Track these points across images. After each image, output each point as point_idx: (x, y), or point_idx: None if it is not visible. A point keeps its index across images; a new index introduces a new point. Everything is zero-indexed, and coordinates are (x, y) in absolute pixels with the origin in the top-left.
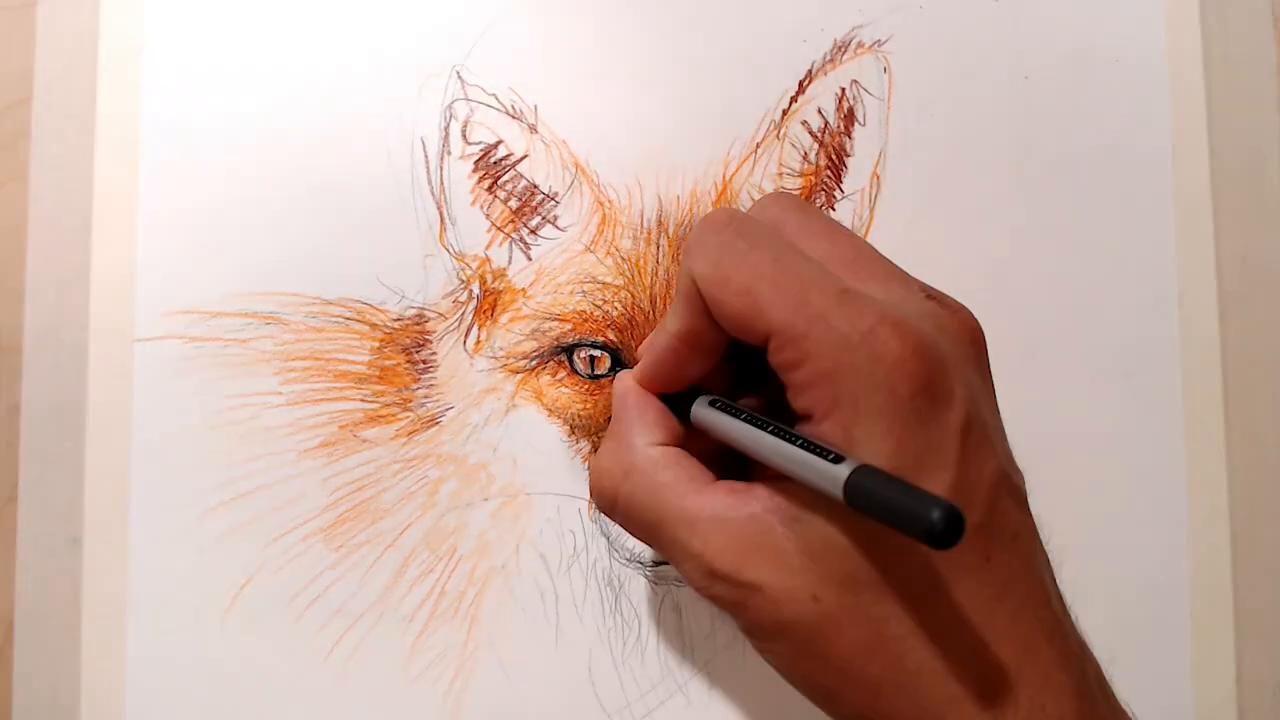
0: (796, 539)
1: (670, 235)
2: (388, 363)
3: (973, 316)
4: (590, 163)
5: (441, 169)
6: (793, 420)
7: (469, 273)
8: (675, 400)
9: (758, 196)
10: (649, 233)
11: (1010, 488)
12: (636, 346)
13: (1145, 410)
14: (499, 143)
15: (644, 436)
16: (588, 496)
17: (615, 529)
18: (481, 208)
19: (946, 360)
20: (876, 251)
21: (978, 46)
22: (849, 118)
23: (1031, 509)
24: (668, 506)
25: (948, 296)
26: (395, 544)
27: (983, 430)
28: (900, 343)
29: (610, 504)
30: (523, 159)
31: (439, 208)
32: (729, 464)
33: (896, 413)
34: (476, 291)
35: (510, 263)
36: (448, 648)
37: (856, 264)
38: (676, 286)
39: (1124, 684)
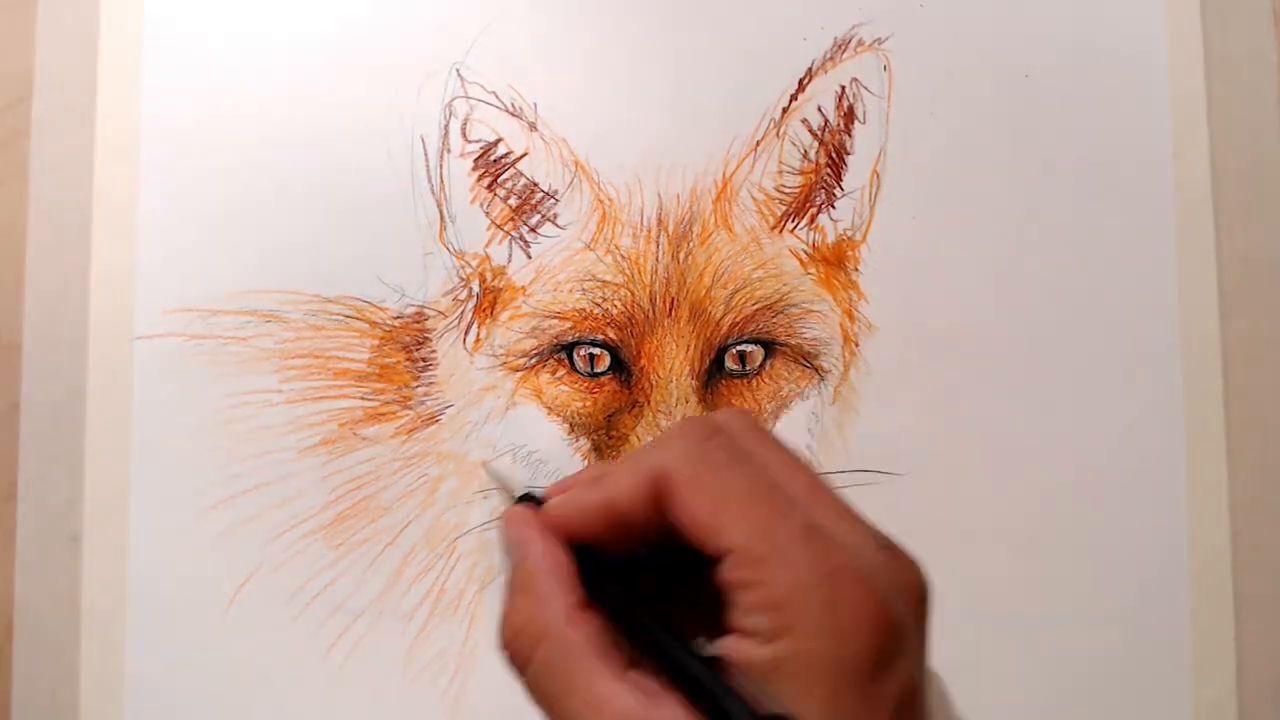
0: None
1: (670, 233)
2: (387, 360)
3: (921, 572)
4: (590, 160)
5: (441, 167)
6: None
7: (469, 271)
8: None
9: (758, 195)
10: (649, 230)
11: None
12: (635, 344)
13: (1145, 410)
14: (499, 140)
15: (559, 599)
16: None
17: None
18: (481, 206)
19: (898, 624)
20: (832, 490)
21: (978, 45)
22: (849, 115)
23: (1031, 510)
24: (577, 686)
25: (898, 548)
26: (395, 542)
27: (916, 700)
28: (860, 597)
29: (523, 666)
30: (522, 157)
31: (439, 206)
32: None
33: (840, 669)
34: (476, 289)
35: (510, 261)
36: (447, 645)
37: (814, 498)
38: (629, 462)
39: (1124, 684)
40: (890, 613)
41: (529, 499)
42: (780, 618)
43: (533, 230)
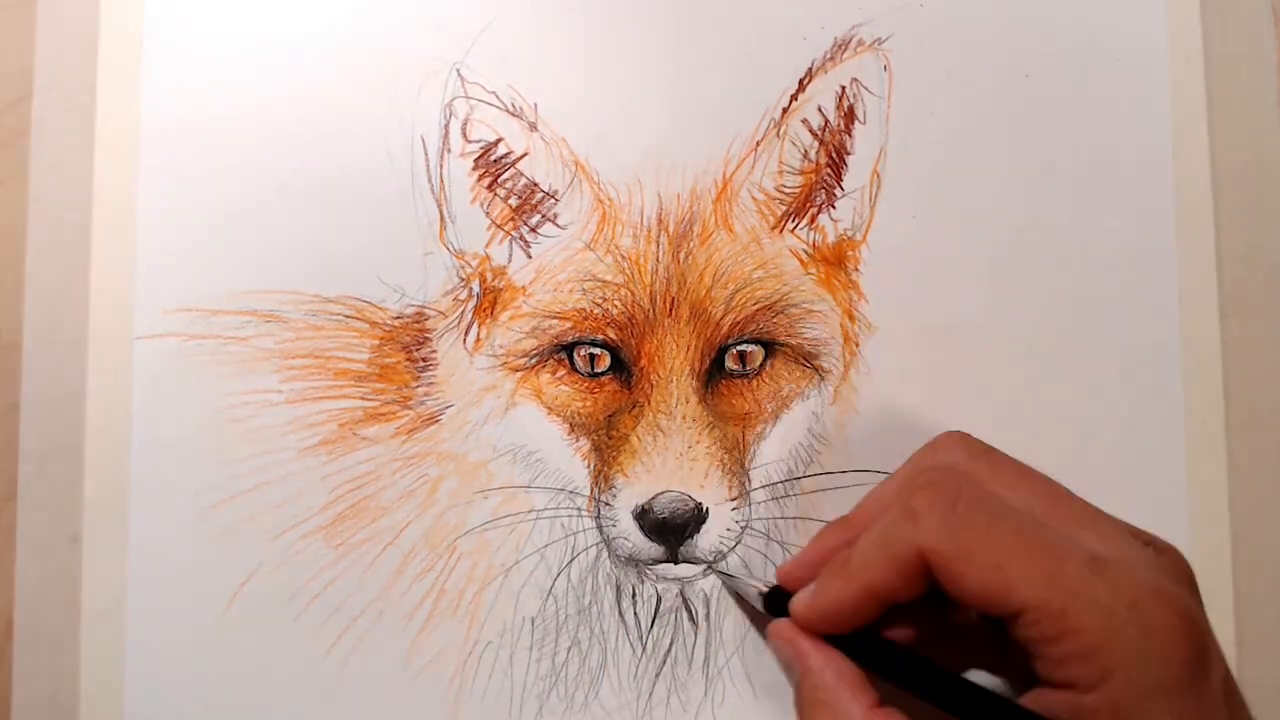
0: None
1: (670, 233)
2: (387, 360)
3: (1183, 557)
4: (590, 160)
5: (441, 167)
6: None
7: (469, 270)
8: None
9: (758, 195)
10: (649, 230)
11: None
12: (636, 345)
13: (1145, 410)
14: (499, 140)
15: (855, 704)
16: (588, 493)
17: (615, 530)
18: (481, 205)
19: (1202, 620)
20: (1069, 493)
21: (978, 45)
22: (849, 115)
23: None
24: None
25: (1158, 540)
26: (395, 542)
27: (1231, 677)
28: (1167, 613)
29: None
30: (523, 157)
31: (439, 205)
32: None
33: (1174, 684)
34: (476, 289)
35: (510, 260)
36: (447, 646)
37: (1060, 509)
38: (876, 539)
39: None
40: (1194, 614)
41: (776, 598)
42: (1099, 661)
43: (533, 230)
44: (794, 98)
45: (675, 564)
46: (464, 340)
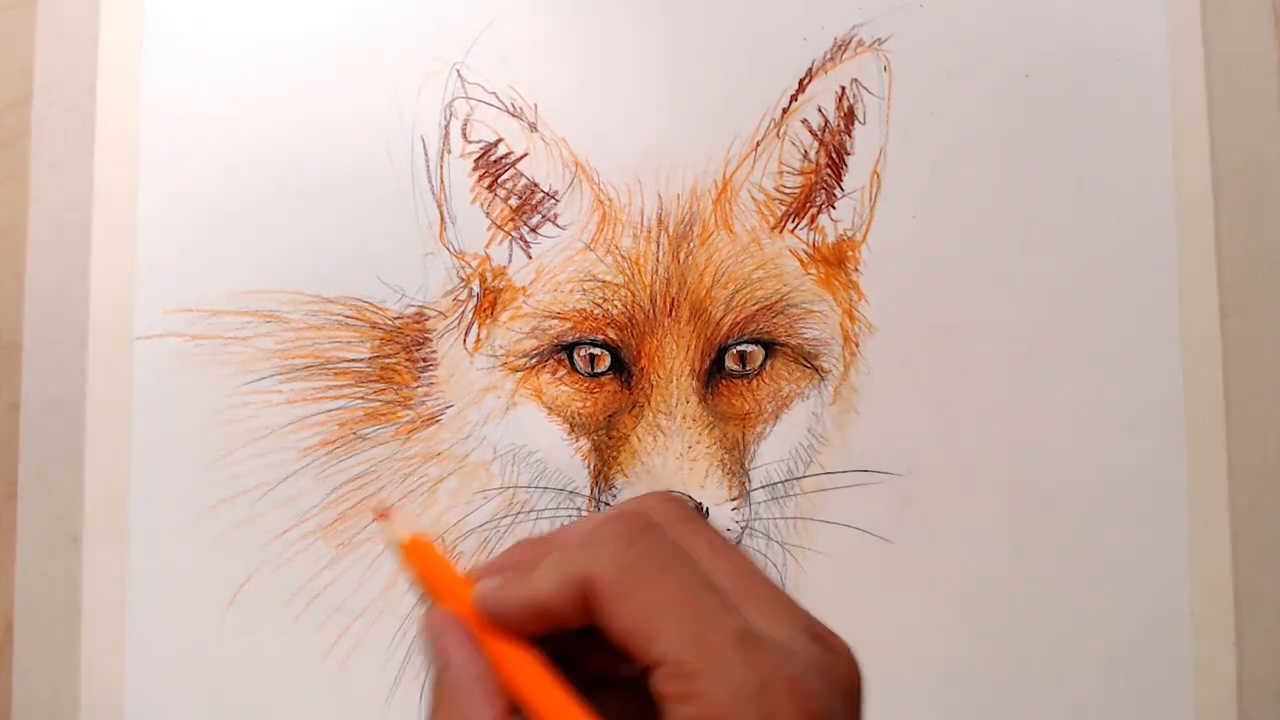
0: None
1: (670, 233)
2: (388, 361)
3: (855, 663)
4: (590, 161)
5: (441, 167)
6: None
7: (469, 271)
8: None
9: (758, 195)
10: (649, 231)
11: None
12: (636, 345)
13: (1145, 410)
14: (499, 141)
15: (481, 711)
16: (588, 493)
17: None
18: (481, 206)
19: None
20: (764, 576)
21: (978, 45)
22: (849, 116)
23: (1031, 510)
24: None
25: (832, 635)
26: None
27: None
28: (794, 708)
29: None
30: (523, 157)
31: (439, 206)
32: None
33: None
34: (476, 290)
35: (510, 261)
36: None
37: (744, 588)
38: (556, 557)
39: (1124, 684)
40: (821, 715)
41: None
42: None
43: (533, 230)
44: (794, 98)
45: None
46: (464, 340)
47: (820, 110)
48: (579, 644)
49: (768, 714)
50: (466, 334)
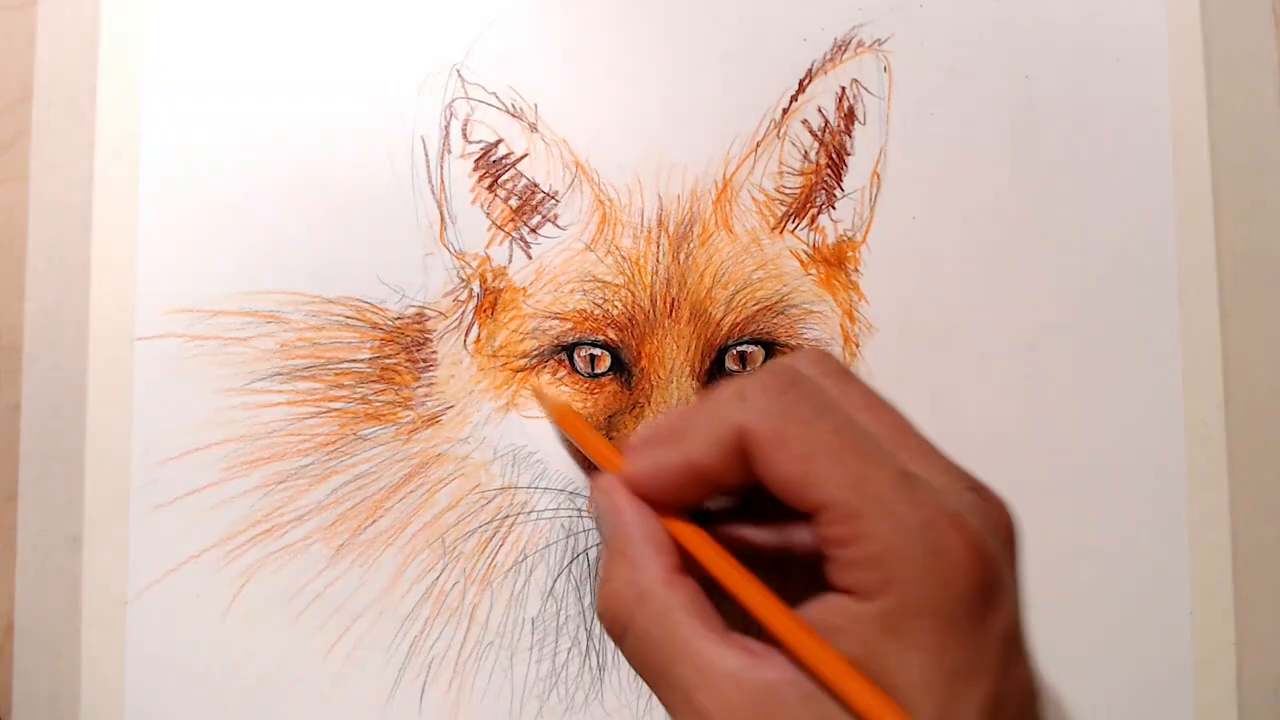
0: (812, 718)
1: (670, 234)
2: (388, 361)
3: (1009, 512)
4: (590, 161)
5: (442, 167)
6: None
7: (469, 271)
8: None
9: (759, 196)
10: (649, 231)
11: (1035, 701)
12: (636, 345)
13: (1145, 410)
14: (499, 141)
15: (655, 563)
16: (588, 494)
17: None
18: (482, 206)
19: (997, 563)
20: (916, 429)
21: (978, 45)
22: (849, 116)
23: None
24: (682, 649)
25: (986, 488)
26: (394, 543)
27: (1020, 638)
28: (959, 541)
29: (622, 631)
30: (523, 158)
31: (439, 206)
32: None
33: (949, 613)
34: (477, 290)
35: (510, 261)
36: (447, 647)
37: (900, 441)
38: (707, 414)
39: (1124, 684)
40: (989, 553)
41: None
42: (883, 571)
43: (533, 231)
44: (794, 98)
45: None
46: (464, 341)
47: (820, 110)
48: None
49: (934, 548)
50: (467, 334)
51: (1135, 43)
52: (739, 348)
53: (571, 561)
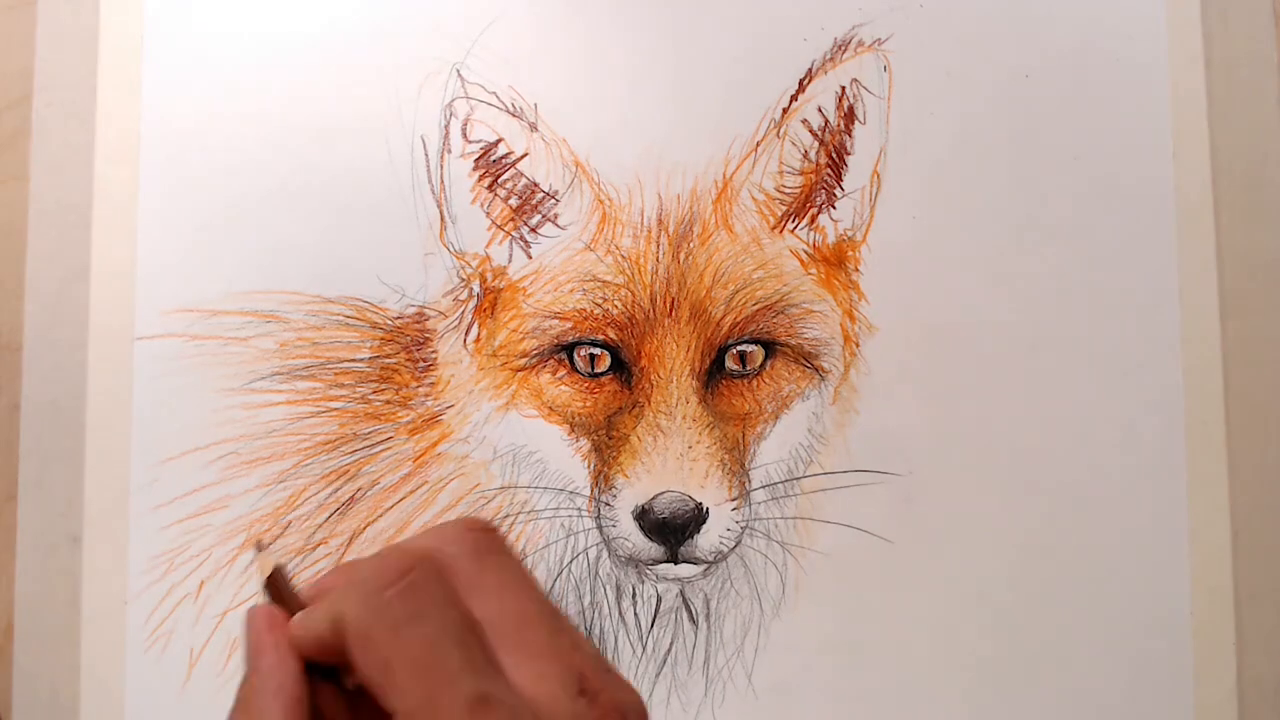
0: None
1: (670, 233)
2: (388, 361)
3: (626, 717)
4: (590, 161)
5: (442, 167)
6: None
7: (469, 271)
8: None
9: (759, 195)
10: (649, 231)
11: None
12: (636, 345)
13: (1145, 410)
14: (499, 141)
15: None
16: (588, 493)
17: (615, 530)
18: (482, 206)
19: None
20: (550, 619)
21: (978, 45)
22: (849, 116)
23: (1031, 509)
24: None
25: (606, 690)
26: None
27: None
28: None
29: None
30: (523, 157)
31: (439, 206)
32: None
33: None
34: (477, 290)
35: (510, 261)
36: None
37: (518, 635)
38: (331, 596)
39: (1124, 684)
40: None
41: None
42: None
43: (533, 230)
44: (794, 98)
45: (675, 564)
46: (464, 340)
47: (820, 110)
48: None
49: None
50: (467, 334)
51: (1135, 43)
52: (739, 347)
53: (571, 561)
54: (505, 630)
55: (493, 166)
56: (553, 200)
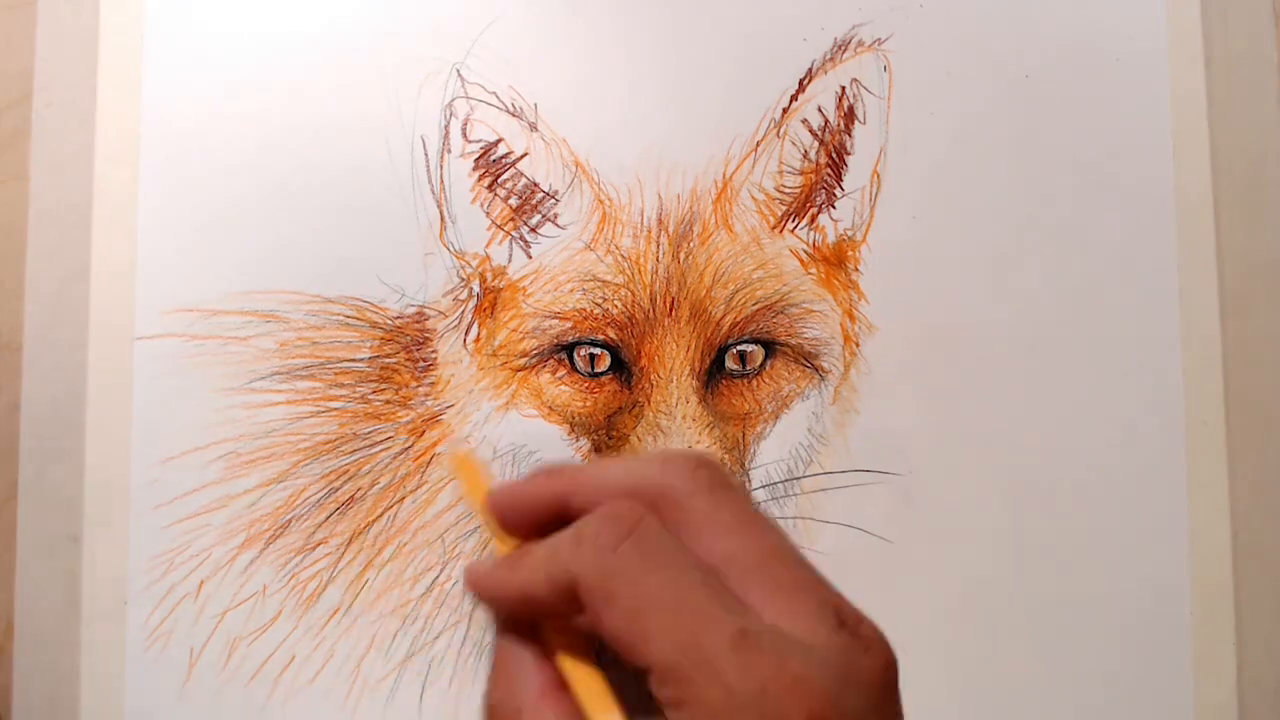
0: None
1: (670, 233)
2: (388, 361)
3: (887, 649)
4: (590, 161)
5: (442, 167)
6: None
7: (469, 271)
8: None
9: (759, 195)
10: (649, 231)
11: None
12: (636, 345)
13: (1145, 410)
14: (499, 141)
15: (532, 679)
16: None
17: None
18: (482, 206)
19: None
20: (792, 553)
21: (978, 45)
22: (849, 116)
23: (1031, 509)
24: None
25: (864, 622)
26: (395, 542)
27: None
28: (798, 708)
29: None
30: (523, 157)
31: (439, 206)
32: None
33: None
34: (477, 289)
35: (510, 261)
36: (448, 646)
37: (763, 571)
38: (546, 552)
39: (1124, 684)
40: (827, 715)
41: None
42: None
43: (533, 230)
44: (794, 98)
45: None
46: (464, 340)
47: (820, 110)
48: None
49: (764, 717)
50: (467, 334)
51: (1135, 43)
52: (739, 347)
53: None
54: (748, 567)
55: (493, 166)
56: (553, 200)
